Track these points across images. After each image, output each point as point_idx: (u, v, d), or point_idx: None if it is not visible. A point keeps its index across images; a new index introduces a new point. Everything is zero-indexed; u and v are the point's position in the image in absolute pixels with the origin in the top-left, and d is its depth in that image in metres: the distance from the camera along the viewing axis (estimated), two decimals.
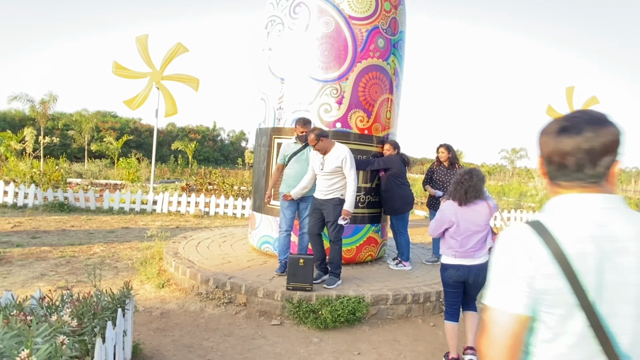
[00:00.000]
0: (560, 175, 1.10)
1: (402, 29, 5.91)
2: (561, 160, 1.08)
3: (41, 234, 7.27)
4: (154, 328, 3.86)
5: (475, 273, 3.40)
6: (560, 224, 1.04)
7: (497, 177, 45.78)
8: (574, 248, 1.00)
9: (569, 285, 0.99)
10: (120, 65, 10.92)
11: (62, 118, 29.73)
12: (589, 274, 0.99)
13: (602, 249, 1.00)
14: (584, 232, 1.02)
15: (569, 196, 1.08)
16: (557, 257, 1.00)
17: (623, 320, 1.00)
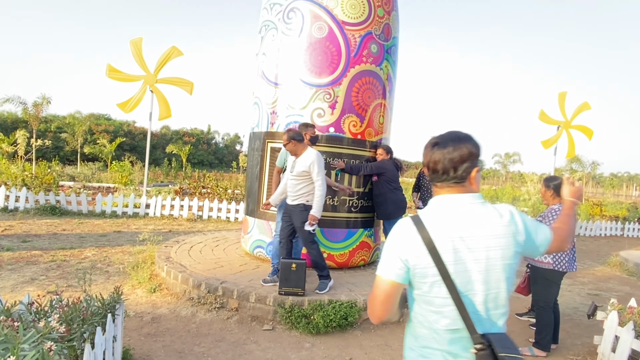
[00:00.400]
0: (434, 178, 1.48)
1: (396, 34, 5.95)
2: (434, 167, 1.46)
3: (32, 237, 7.21)
4: (145, 333, 3.84)
5: None
6: (432, 218, 1.42)
7: (490, 182, 46.04)
8: (439, 235, 1.38)
9: (433, 263, 1.36)
10: (114, 68, 10.89)
11: (55, 120, 29.55)
12: (449, 254, 1.37)
13: (460, 235, 1.38)
14: (447, 223, 1.40)
15: (441, 197, 1.48)
16: (426, 242, 1.38)
17: (476, 284, 1.38)
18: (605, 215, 16.42)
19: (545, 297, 4.03)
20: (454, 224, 1.40)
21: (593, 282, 7.33)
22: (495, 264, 1.40)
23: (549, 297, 4.02)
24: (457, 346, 1.41)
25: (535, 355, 4.01)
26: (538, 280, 4.08)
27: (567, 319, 5.08)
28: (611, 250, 10.95)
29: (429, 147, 1.50)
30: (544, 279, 4.03)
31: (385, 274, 1.43)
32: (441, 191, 1.49)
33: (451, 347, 1.42)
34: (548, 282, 4.00)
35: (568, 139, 13.62)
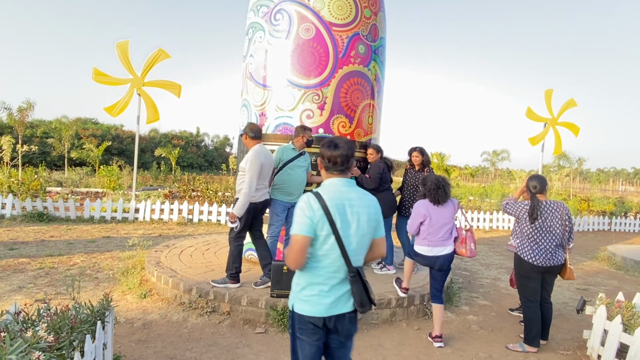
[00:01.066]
0: (330, 167, 2.21)
1: (383, 35, 5.97)
2: (334, 160, 2.19)
3: (19, 245, 7.10)
4: (136, 339, 3.80)
5: (442, 262, 4.10)
6: (326, 192, 2.13)
7: (479, 179, 46.38)
8: (330, 203, 2.08)
9: (327, 221, 2.06)
10: (100, 71, 10.77)
11: (40, 125, 29.14)
12: (337, 215, 2.07)
13: (343, 203, 2.11)
14: (335, 195, 2.12)
15: (332, 179, 2.22)
16: (322, 207, 2.06)
17: (352, 236, 2.11)
18: (593, 211, 16.65)
19: (525, 291, 4.12)
20: (340, 196, 2.14)
21: (582, 277, 7.42)
22: (363, 224, 2.15)
23: (527, 292, 4.09)
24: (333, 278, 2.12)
25: (526, 351, 4.05)
26: (516, 275, 4.24)
27: (557, 314, 5.14)
28: (599, 245, 11.11)
29: (331, 147, 2.22)
30: (518, 273, 4.16)
31: (299, 232, 2.04)
32: (332, 175, 2.24)
33: (328, 280, 2.12)
34: (521, 275, 4.11)
35: (555, 135, 13.79)
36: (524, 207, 4.02)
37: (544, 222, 3.92)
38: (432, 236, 4.06)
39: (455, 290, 5.69)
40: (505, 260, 8.50)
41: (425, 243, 4.09)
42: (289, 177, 4.83)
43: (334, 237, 2.06)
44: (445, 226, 4.08)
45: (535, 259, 3.95)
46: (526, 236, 4.01)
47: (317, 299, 2.11)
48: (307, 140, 4.86)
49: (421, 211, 4.08)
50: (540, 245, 3.95)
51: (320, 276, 2.11)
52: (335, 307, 2.12)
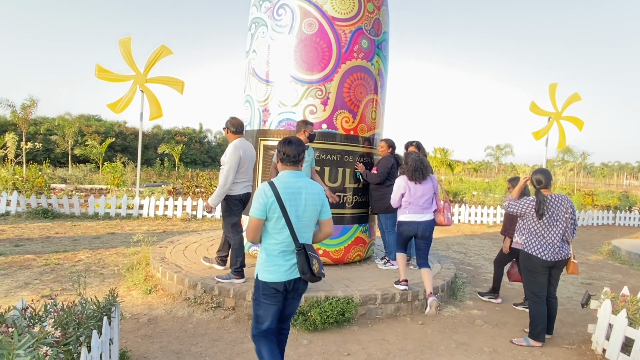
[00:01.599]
0: (285, 160, 2.71)
1: (386, 29, 5.94)
2: (287, 154, 2.69)
3: (24, 241, 7.14)
4: (142, 335, 3.82)
5: (423, 228, 4.64)
6: (279, 182, 2.63)
7: (483, 174, 46.27)
8: (282, 191, 2.58)
9: (278, 205, 2.56)
10: (103, 68, 10.77)
11: (44, 123, 29.19)
12: (286, 201, 2.57)
13: (293, 191, 2.62)
14: (286, 184, 2.62)
15: (286, 171, 2.72)
16: (275, 194, 2.57)
17: (299, 217, 2.61)
18: (597, 205, 16.59)
19: (531, 287, 4.09)
20: (290, 185, 2.65)
21: (586, 271, 7.41)
22: (309, 208, 2.66)
23: (534, 288, 4.06)
24: (286, 252, 2.64)
25: (530, 346, 4.05)
26: (522, 270, 4.19)
27: (562, 308, 5.14)
28: (603, 239, 11.07)
29: (285, 143, 2.72)
30: (525, 268, 4.12)
31: (254, 215, 2.59)
32: (285, 167, 2.74)
33: (282, 254, 2.64)
34: (528, 271, 4.08)
35: (559, 130, 13.71)
36: (529, 203, 3.99)
37: (550, 217, 3.91)
38: (413, 205, 4.64)
39: (459, 285, 5.69)
40: None
41: (407, 212, 4.67)
42: None
43: (284, 219, 2.58)
44: (424, 197, 4.65)
45: (544, 254, 3.94)
46: (533, 232, 3.99)
47: (276, 268, 2.64)
48: (309, 134, 4.85)
49: (402, 187, 4.66)
50: (548, 240, 3.94)
51: (276, 250, 2.63)
52: (291, 274, 2.65)
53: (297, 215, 2.61)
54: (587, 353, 4.01)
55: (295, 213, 2.61)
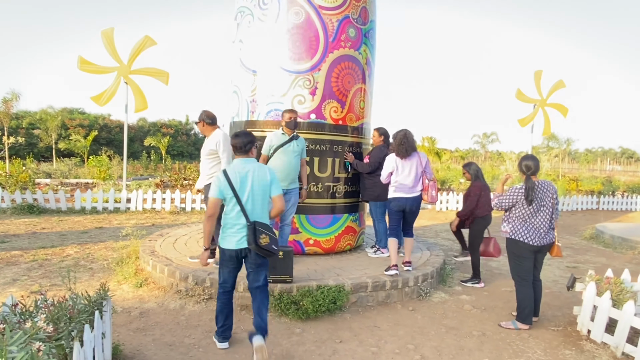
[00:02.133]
0: (237, 150, 3.33)
1: (373, 18, 5.92)
2: (237, 146, 3.31)
3: (10, 237, 7.04)
4: (134, 328, 3.82)
5: (411, 204, 4.95)
6: (232, 168, 3.28)
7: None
8: (233, 175, 3.22)
9: (230, 187, 3.20)
10: (86, 60, 10.57)
11: (26, 117, 28.56)
12: (237, 184, 3.21)
13: (242, 175, 3.24)
14: (237, 170, 3.26)
15: (238, 159, 3.34)
16: (227, 179, 3.21)
17: (249, 197, 3.23)
18: (582, 190, 16.90)
19: (519, 271, 4.14)
20: (240, 170, 3.25)
21: (571, 255, 7.57)
22: (258, 189, 3.25)
23: (522, 272, 4.13)
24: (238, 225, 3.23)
25: (518, 329, 4.14)
26: (509, 255, 4.23)
27: (548, 292, 5.26)
28: (587, 224, 11.31)
29: (234, 136, 3.34)
30: (512, 253, 4.17)
31: (213, 195, 3.23)
32: (238, 156, 3.35)
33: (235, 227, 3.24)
34: (515, 255, 4.13)
35: (544, 116, 13.90)
36: (518, 191, 4.02)
37: (539, 203, 3.97)
38: (400, 184, 4.92)
39: (448, 271, 5.78)
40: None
41: (396, 189, 4.96)
42: (281, 161, 4.81)
43: (235, 199, 3.19)
44: (411, 175, 4.92)
45: (531, 239, 4.00)
46: (520, 218, 4.04)
47: (230, 238, 3.26)
48: (286, 122, 4.82)
49: (391, 164, 4.94)
50: (536, 226, 4.01)
51: (231, 224, 3.26)
52: (241, 244, 3.23)
53: (246, 195, 3.22)
54: (572, 334, 4.12)
55: (245, 194, 3.21)
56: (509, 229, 4.15)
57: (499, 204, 4.16)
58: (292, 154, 4.84)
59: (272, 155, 4.83)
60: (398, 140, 4.91)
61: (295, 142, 4.89)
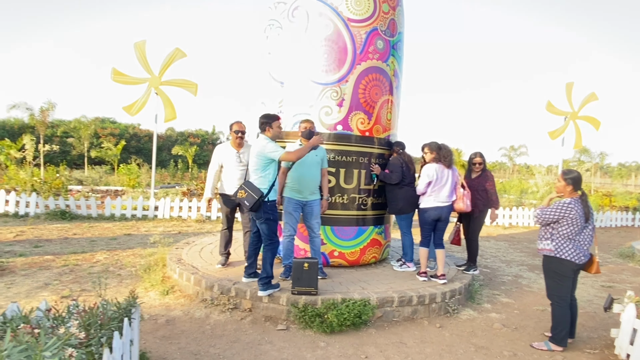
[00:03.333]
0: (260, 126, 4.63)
1: (401, 30, 5.91)
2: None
3: (44, 242, 7.26)
4: (160, 336, 3.85)
5: (446, 213, 5.18)
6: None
7: (497, 175, 45.67)
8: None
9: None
10: (119, 71, 10.91)
11: (61, 125, 29.62)
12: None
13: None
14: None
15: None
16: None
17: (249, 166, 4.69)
18: (615, 206, 16.28)
19: (559, 291, 3.96)
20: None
21: (606, 274, 7.26)
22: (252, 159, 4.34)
23: (562, 291, 3.95)
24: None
25: (552, 350, 3.97)
26: (548, 274, 4.02)
27: (582, 312, 5.04)
28: (623, 241, 10.85)
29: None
30: (554, 272, 3.95)
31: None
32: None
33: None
34: (558, 275, 3.93)
35: (575, 130, 13.50)
36: (567, 207, 3.80)
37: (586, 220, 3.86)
38: (437, 193, 5.11)
39: (476, 287, 5.62)
40: (527, 257, 8.37)
41: (432, 199, 5.12)
42: (299, 173, 4.80)
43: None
44: (448, 184, 5.15)
45: (577, 257, 3.84)
46: (566, 236, 3.84)
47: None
48: (302, 131, 4.78)
49: (432, 172, 5.11)
50: (582, 243, 3.86)
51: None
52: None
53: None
54: (610, 358, 3.92)
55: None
56: (553, 247, 3.92)
57: (542, 217, 3.91)
58: (311, 164, 4.80)
59: (291, 166, 4.83)
60: (446, 151, 5.20)
61: (314, 152, 4.81)
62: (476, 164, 5.94)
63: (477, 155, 5.99)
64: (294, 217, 4.83)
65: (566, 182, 3.92)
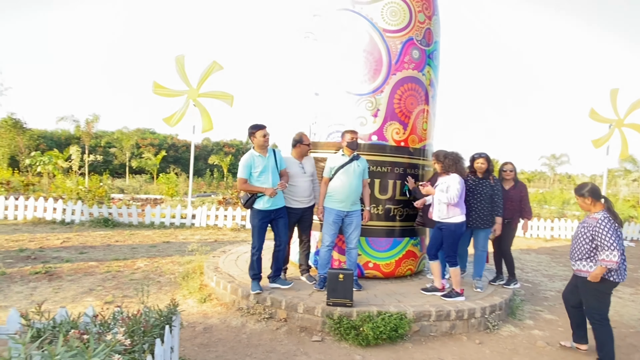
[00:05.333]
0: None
1: (437, 39, 5.85)
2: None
3: (88, 249, 7.58)
4: (198, 343, 3.92)
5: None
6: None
7: (537, 184, 44.06)
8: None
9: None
10: (160, 84, 11.34)
11: (104, 136, 31.08)
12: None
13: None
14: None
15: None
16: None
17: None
18: None
19: (599, 309, 3.79)
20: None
21: None
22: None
23: (603, 309, 3.79)
24: None
25: None
26: (589, 292, 3.82)
27: (633, 332, 4.76)
28: None
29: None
30: (600, 292, 3.77)
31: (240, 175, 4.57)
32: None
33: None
34: (605, 294, 3.77)
35: (621, 138, 12.87)
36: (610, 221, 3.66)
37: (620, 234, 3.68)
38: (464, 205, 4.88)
39: (517, 303, 5.42)
40: (570, 272, 7.97)
41: (462, 212, 4.80)
42: (341, 183, 4.80)
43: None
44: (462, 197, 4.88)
45: (619, 277, 3.71)
46: None
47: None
48: (347, 142, 4.80)
49: (463, 186, 4.83)
50: (625, 259, 3.70)
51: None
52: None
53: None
54: None
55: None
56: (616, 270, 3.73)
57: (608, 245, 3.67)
58: (353, 174, 4.81)
59: (333, 176, 4.82)
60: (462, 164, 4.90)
61: (356, 163, 4.86)
62: (507, 170, 5.74)
63: (508, 163, 5.85)
64: (334, 228, 4.82)
65: (584, 197, 3.81)
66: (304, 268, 5.28)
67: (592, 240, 3.69)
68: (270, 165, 4.68)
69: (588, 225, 3.75)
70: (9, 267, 6.00)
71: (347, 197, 4.79)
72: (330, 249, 4.87)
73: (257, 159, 4.64)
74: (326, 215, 4.85)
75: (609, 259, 3.56)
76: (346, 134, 4.87)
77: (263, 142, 4.65)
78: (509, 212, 5.56)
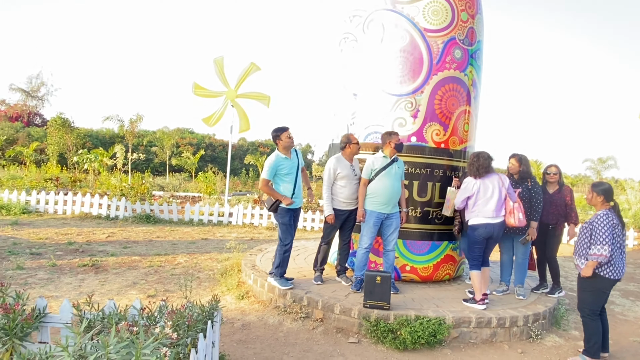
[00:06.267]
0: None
1: (480, 38, 5.70)
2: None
3: (131, 244, 7.87)
4: (237, 340, 3.99)
5: (498, 230, 4.60)
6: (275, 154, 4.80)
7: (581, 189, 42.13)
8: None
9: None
10: (200, 85, 11.64)
11: (146, 135, 32.23)
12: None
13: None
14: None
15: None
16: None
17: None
18: None
19: (592, 305, 3.87)
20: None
21: None
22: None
23: (596, 306, 3.87)
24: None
25: None
26: (586, 288, 3.87)
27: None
28: None
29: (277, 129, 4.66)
30: (597, 290, 3.83)
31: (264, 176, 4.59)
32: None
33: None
34: (601, 292, 3.85)
35: None
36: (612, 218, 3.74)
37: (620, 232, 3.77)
38: (481, 207, 4.56)
39: (562, 312, 5.20)
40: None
41: (479, 214, 4.57)
42: (382, 185, 4.74)
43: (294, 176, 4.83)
44: (494, 197, 4.55)
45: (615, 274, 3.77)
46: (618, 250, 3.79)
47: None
48: (395, 144, 4.75)
49: (469, 188, 4.62)
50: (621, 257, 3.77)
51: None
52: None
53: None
54: None
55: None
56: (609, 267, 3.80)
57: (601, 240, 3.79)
58: (394, 177, 4.76)
59: (374, 178, 4.78)
60: (469, 161, 4.75)
61: (397, 165, 4.81)
62: (551, 173, 5.44)
63: (552, 166, 5.53)
64: (374, 230, 4.78)
65: (596, 193, 3.83)
66: (341, 269, 5.27)
67: (591, 236, 3.77)
68: (295, 166, 4.83)
69: (590, 222, 3.82)
70: (59, 259, 6.32)
71: (389, 199, 4.74)
72: (368, 251, 4.84)
73: (283, 161, 4.74)
74: (367, 218, 4.80)
75: (600, 253, 3.63)
76: (392, 135, 4.80)
77: (289, 142, 4.74)
78: (554, 217, 5.35)
